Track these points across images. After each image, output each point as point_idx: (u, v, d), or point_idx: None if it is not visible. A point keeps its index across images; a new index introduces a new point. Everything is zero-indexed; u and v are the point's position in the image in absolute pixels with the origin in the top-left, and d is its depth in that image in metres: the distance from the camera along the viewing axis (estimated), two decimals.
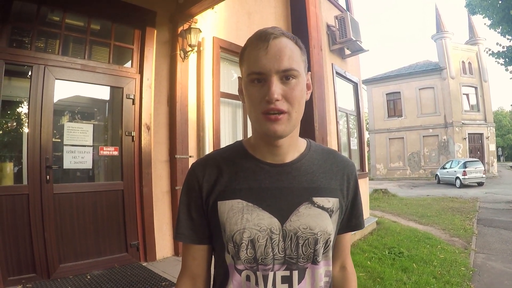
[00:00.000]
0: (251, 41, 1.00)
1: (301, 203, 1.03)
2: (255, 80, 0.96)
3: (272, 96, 0.92)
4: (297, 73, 0.97)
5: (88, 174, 4.68)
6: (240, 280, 1.02)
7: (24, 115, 4.17)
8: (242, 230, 0.99)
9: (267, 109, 0.94)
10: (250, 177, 1.06)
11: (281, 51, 0.95)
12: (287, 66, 0.94)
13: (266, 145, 1.06)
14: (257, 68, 0.95)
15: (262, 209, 1.01)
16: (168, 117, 5.16)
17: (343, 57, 9.28)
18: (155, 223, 4.85)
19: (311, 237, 1.01)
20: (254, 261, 1.00)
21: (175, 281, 3.68)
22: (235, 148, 1.14)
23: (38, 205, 3.95)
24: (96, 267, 4.28)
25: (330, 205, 1.06)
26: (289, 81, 0.95)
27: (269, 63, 0.94)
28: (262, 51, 0.95)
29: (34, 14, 4.17)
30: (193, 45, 5.07)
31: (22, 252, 3.83)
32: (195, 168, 1.12)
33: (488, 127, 30.66)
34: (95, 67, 4.55)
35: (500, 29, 14.43)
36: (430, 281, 5.10)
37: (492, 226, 9.39)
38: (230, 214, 1.02)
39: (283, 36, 0.97)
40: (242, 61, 1.03)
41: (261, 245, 0.99)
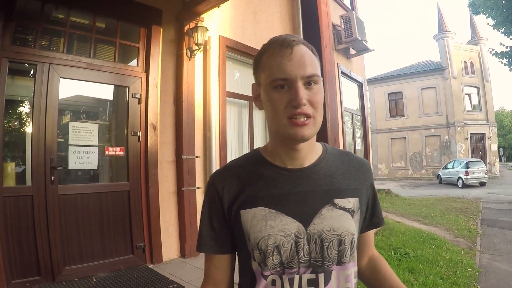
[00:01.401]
0: (270, 47, 1.02)
1: (323, 205, 1.04)
2: (279, 86, 0.98)
3: (301, 102, 0.94)
4: (318, 79, 1.00)
5: (93, 175, 4.62)
6: (266, 285, 1.02)
7: (28, 114, 4.10)
8: (267, 237, 1.00)
9: (294, 114, 0.96)
10: (271, 183, 1.06)
11: (304, 58, 0.98)
12: (311, 72, 0.97)
13: (286, 150, 1.07)
14: (282, 75, 0.96)
15: (285, 215, 1.02)
16: (175, 117, 5.11)
17: (348, 57, 9.28)
18: (161, 224, 4.80)
19: (335, 238, 1.01)
20: (280, 265, 1.01)
21: (183, 283, 3.62)
22: (253, 157, 1.16)
23: (42, 207, 3.89)
24: (102, 269, 4.22)
25: (351, 206, 1.08)
26: (311, 86, 0.98)
27: (294, 69, 0.96)
28: (285, 58, 0.97)
29: (39, 12, 4.12)
30: (200, 43, 5.03)
31: (26, 255, 3.77)
32: (214, 179, 1.12)
33: (490, 127, 30.63)
34: (100, 65, 4.50)
35: (503, 29, 14.42)
36: (437, 282, 5.06)
37: (496, 227, 9.36)
38: (254, 222, 1.02)
39: (302, 44, 1.01)
40: (260, 68, 1.05)
41: (286, 250, 1.00)
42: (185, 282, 3.94)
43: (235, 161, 1.18)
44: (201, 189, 5.23)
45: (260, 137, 6.62)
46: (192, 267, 4.51)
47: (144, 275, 4.19)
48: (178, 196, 5.03)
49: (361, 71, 10.21)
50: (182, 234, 4.96)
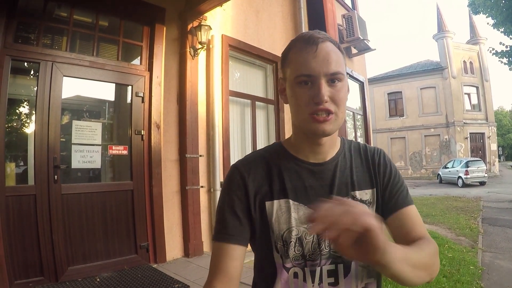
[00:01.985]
0: (297, 43, 1.04)
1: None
2: (303, 82, 0.99)
3: (323, 98, 0.96)
4: (342, 76, 1.01)
5: (96, 174, 4.59)
6: (287, 278, 1.04)
7: (31, 113, 4.07)
8: (291, 229, 1.03)
9: (316, 110, 0.98)
10: (294, 176, 1.08)
11: (329, 55, 0.99)
12: (334, 70, 0.98)
13: (309, 145, 1.09)
14: (306, 71, 0.98)
15: (308, 207, 1.04)
16: (178, 116, 5.09)
17: (350, 56, 9.29)
18: (165, 223, 4.77)
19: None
20: (302, 258, 1.03)
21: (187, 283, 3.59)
22: (275, 149, 1.17)
23: (45, 206, 3.86)
24: (105, 269, 4.19)
25: (368, 197, 1.10)
26: (335, 83, 0.99)
27: (318, 66, 0.97)
28: (311, 54, 0.98)
29: (41, 10, 4.09)
30: (203, 42, 5.01)
31: (29, 255, 3.74)
32: (239, 167, 1.12)
33: (490, 126, 30.72)
34: (103, 64, 4.47)
35: (503, 29, 14.44)
36: (441, 280, 5.07)
37: (498, 225, 9.39)
38: (279, 214, 1.05)
39: (328, 41, 1.02)
40: (286, 63, 1.06)
41: (308, 242, 1.03)
42: (190, 282, 3.92)
43: (257, 153, 1.19)
44: (204, 188, 5.22)
45: (263, 136, 6.61)
46: (197, 267, 4.48)
47: (148, 274, 4.16)
48: (181, 195, 5.01)
49: (362, 71, 10.22)
50: (186, 233, 4.94)
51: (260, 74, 6.75)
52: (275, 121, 6.74)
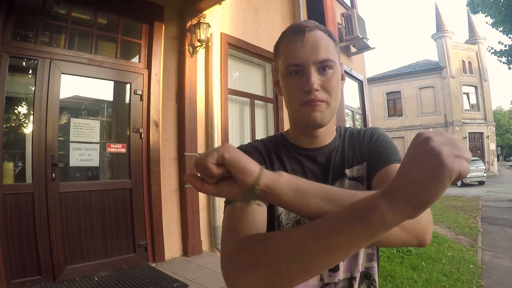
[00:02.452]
0: (286, 34, 1.03)
1: (336, 179, 1.07)
2: (293, 72, 0.99)
3: (312, 87, 0.95)
4: (333, 64, 0.99)
5: (95, 172, 4.56)
6: None
7: (29, 110, 4.05)
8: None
9: (307, 100, 0.97)
10: (294, 161, 1.10)
11: (317, 43, 0.98)
12: (323, 57, 0.97)
13: (306, 135, 1.10)
14: (294, 60, 0.98)
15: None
16: (177, 114, 5.08)
17: (349, 55, 9.31)
18: (163, 222, 4.76)
19: None
20: None
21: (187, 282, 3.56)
22: (276, 138, 1.19)
23: (43, 204, 3.84)
24: (104, 268, 4.18)
25: (360, 173, 1.08)
26: (326, 71, 0.98)
27: (306, 54, 0.97)
28: (298, 44, 0.98)
29: (40, 7, 4.08)
30: (202, 40, 5.00)
31: (27, 254, 3.72)
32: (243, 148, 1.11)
33: (488, 126, 30.82)
34: (102, 61, 4.46)
35: (502, 28, 14.46)
36: (441, 278, 5.15)
37: (497, 224, 9.48)
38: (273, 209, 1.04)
39: (317, 29, 1.01)
40: (277, 55, 1.07)
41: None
42: (188, 281, 3.90)
43: (260, 140, 1.19)
44: None
45: (261, 135, 6.58)
46: (195, 266, 4.46)
47: (147, 273, 4.14)
48: (180, 194, 4.99)
49: (362, 69, 10.25)
50: (184, 232, 4.93)
51: (259, 72, 6.74)
52: (274, 120, 6.73)
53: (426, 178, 0.53)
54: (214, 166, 0.65)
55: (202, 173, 0.66)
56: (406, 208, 0.56)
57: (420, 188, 0.54)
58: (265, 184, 0.68)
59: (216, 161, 0.65)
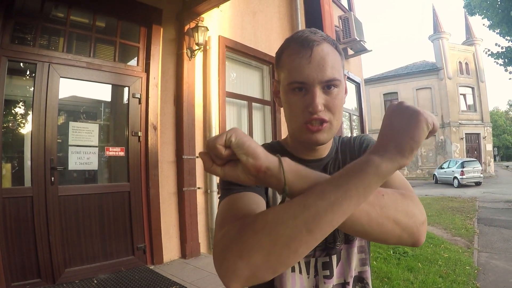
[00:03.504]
0: (290, 45, 0.96)
1: None
2: (297, 88, 0.94)
3: (316, 108, 0.91)
4: (339, 82, 0.95)
5: (93, 176, 4.57)
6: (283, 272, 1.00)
7: (27, 114, 4.05)
8: None
9: (310, 119, 0.93)
10: None
11: (324, 60, 0.92)
12: (330, 77, 0.92)
13: (305, 149, 1.07)
14: (299, 78, 0.92)
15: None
16: (175, 117, 5.09)
17: (346, 57, 9.30)
18: (162, 225, 4.77)
19: None
20: None
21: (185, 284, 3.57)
22: (273, 146, 1.15)
23: (42, 208, 3.85)
24: (103, 271, 4.19)
25: None
26: (330, 90, 0.94)
27: (313, 73, 0.91)
28: (304, 60, 0.92)
29: (38, 10, 4.09)
30: (200, 43, 5.02)
31: (26, 257, 3.72)
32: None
33: (485, 127, 30.94)
34: (100, 65, 4.47)
35: (499, 30, 14.50)
36: (437, 280, 5.13)
37: (493, 225, 9.43)
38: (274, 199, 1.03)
39: (324, 42, 0.94)
40: (280, 66, 1.00)
41: None
42: (187, 283, 3.91)
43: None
44: (201, 189, 5.22)
45: (259, 137, 6.61)
46: (194, 268, 4.48)
47: (146, 276, 4.16)
48: (178, 196, 5.01)
49: (359, 72, 10.27)
50: (182, 235, 4.94)
51: (256, 75, 6.75)
52: (271, 122, 6.75)
53: (409, 127, 0.67)
54: (222, 148, 0.66)
55: (212, 154, 0.68)
56: (397, 156, 0.66)
57: (406, 135, 0.67)
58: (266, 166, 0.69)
59: (225, 142, 0.66)
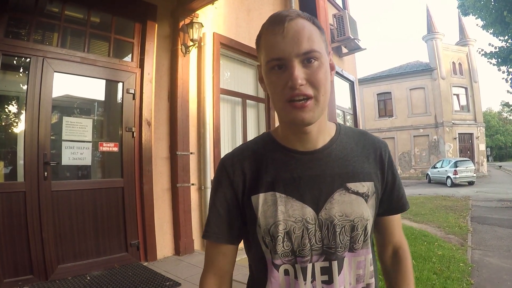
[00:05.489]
0: (266, 26, 0.95)
1: (335, 190, 0.99)
2: (276, 66, 0.91)
3: (296, 81, 0.87)
4: (319, 54, 0.90)
5: (87, 171, 4.54)
6: (278, 276, 0.98)
7: (21, 109, 4.03)
8: (278, 223, 0.96)
9: (292, 96, 0.89)
10: (281, 167, 1.02)
11: (299, 33, 0.89)
12: (307, 48, 0.88)
13: (295, 134, 1.01)
14: (275, 54, 0.90)
15: (296, 200, 0.98)
16: (169, 113, 5.08)
17: (340, 56, 9.37)
18: (155, 221, 4.76)
19: (348, 224, 0.97)
20: (291, 253, 0.97)
21: (179, 280, 3.57)
22: (264, 139, 1.10)
23: (35, 203, 3.82)
24: (96, 268, 4.17)
25: (365, 190, 1.01)
26: (311, 63, 0.90)
27: (288, 47, 0.88)
28: (278, 36, 0.89)
29: (33, 4, 4.06)
30: (195, 40, 5.01)
31: (19, 253, 3.70)
32: (225, 163, 1.08)
33: (478, 127, 31.19)
34: (94, 60, 4.45)
35: (492, 30, 14.59)
36: (431, 277, 5.17)
37: (487, 224, 9.54)
38: (265, 208, 0.98)
39: (299, 17, 0.92)
40: (259, 49, 0.99)
41: (297, 236, 0.96)
42: (181, 279, 3.91)
43: (246, 144, 1.13)
44: (195, 186, 5.21)
45: (253, 134, 6.60)
46: (187, 264, 4.48)
47: (139, 272, 4.15)
48: (172, 193, 5.00)
49: (353, 70, 10.32)
50: (176, 231, 4.93)
51: (251, 72, 6.76)
52: (265, 119, 6.76)
53: None
54: None
55: None
56: None
57: None
58: None
59: None
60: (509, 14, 12.60)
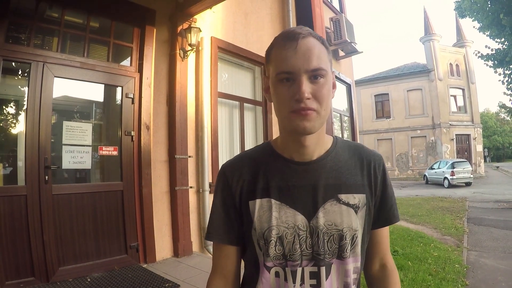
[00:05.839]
0: (278, 40, 1.01)
1: (326, 200, 1.05)
2: (284, 79, 0.98)
3: (303, 96, 0.93)
4: (325, 72, 0.98)
5: (87, 174, 4.61)
6: (269, 277, 1.05)
7: (22, 113, 4.08)
8: (271, 228, 1.03)
9: (298, 108, 0.95)
10: (278, 175, 1.08)
11: (310, 51, 0.96)
12: (316, 66, 0.96)
13: (294, 144, 1.07)
14: (286, 68, 0.96)
15: (289, 207, 1.05)
16: (168, 117, 5.14)
17: (337, 59, 9.40)
18: (154, 224, 4.82)
19: (336, 233, 1.03)
20: (282, 257, 1.03)
21: (178, 282, 3.63)
22: (263, 149, 1.18)
23: (36, 207, 3.87)
24: (96, 270, 4.22)
25: (356, 202, 1.07)
26: (317, 80, 0.97)
27: (299, 62, 0.95)
28: (291, 51, 0.96)
29: (33, 10, 4.12)
30: (193, 44, 5.08)
31: (20, 255, 3.75)
32: (225, 169, 1.16)
33: (475, 128, 31.23)
34: (94, 65, 4.51)
35: (489, 33, 14.61)
36: (426, 278, 5.18)
37: (483, 225, 9.53)
38: (260, 213, 1.06)
39: (310, 36, 0.99)
40: (269, 61, 1.05)
41: (289, 241, 1.03)
42: (180, 281, 3.96)
43: (246, 152, 1.21)
44: (193, 188, 5.27)
45: (251, 137, 6.67)
46: (186, 266, 4.53)
47: (139, 274, 4.20)
48: (171, 195, 5.05)
49: (349, 73, 10.36)
50: (175, 233, 4.98)
51: (248, 75, 6.82)
52: (263, 123, 6.81)
53: None
54: None
55: None
56: None
57: None
58: None
59: None
60: (505, 17, 12.64)
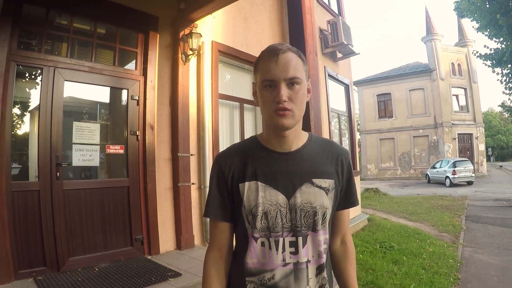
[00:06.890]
0: (264, 54, 1.28)
1: (303, 183, 1.31)
2: (268, 85, 1.24)
3: (281, 98, 1.20)
4: (300, 80, 1.25)
5: (95, 171, 4.85)
6: (256, 246, 1.29)
7: (35, 115, 4.31)
8: (258, 205, 1.27)
9: (277, 108, 1.22)
10: (263, 163, 1.34)
11: (288, 63, 1.23)
12: (292, 75, 1.22)
13: (276, 137, 1.34)
14: (269, 76, 1.23)
15: (273, 188, 1.29)
16: (171, 118, 5.35)
17: (335, 60, 9.48)
18: (158, 218, 5.02)
19: (311, 210, 1.28)
20: (267, 229, 1.27)
21: (180, 271, 3.89)
22: (251, 141, 1.44)
23: (48, 201, 4.11)
24: (103, 260, 4.45)
25: (326, 185, 1.33)
26: (293, 86, 1.24)
27: (279, 72, 1.22)
28: (273, 63, 1.23)
29: (43, 18, 4.34)
30: (194, 49, 5.27)
31: (33, 246, 3.98)
32: (219, 159, 1.41)
33: (478, 127, 31.03)
34: (101, 69, 4.73)
35: (487, 32, 14.63)
36: (420, 271, 5.36)
37: (480, 222, 9.66)
38: (249, 193, 1.30)
39: (289, 51, 1.25)
40: (256, 70, 1.31)
41: (272, 216, 1.27)
42: (181, 270, 4.16)
43: (236, 145, 1.48)
44: (195, 185, 5.47)
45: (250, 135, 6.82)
46: (188, 258, 4.74)
47: (143, 265, 4.43)
48: (174, 191, 5.27)
49: (348, 74, 10.39)
50: (178, 227, 5.19)
51: (248, 77, 6.98)
52: (262, 122, 6.91)
53: None
54: None
55: None
56: None
57: None
58: None
59: None
60: (502, 17, 12.71)
